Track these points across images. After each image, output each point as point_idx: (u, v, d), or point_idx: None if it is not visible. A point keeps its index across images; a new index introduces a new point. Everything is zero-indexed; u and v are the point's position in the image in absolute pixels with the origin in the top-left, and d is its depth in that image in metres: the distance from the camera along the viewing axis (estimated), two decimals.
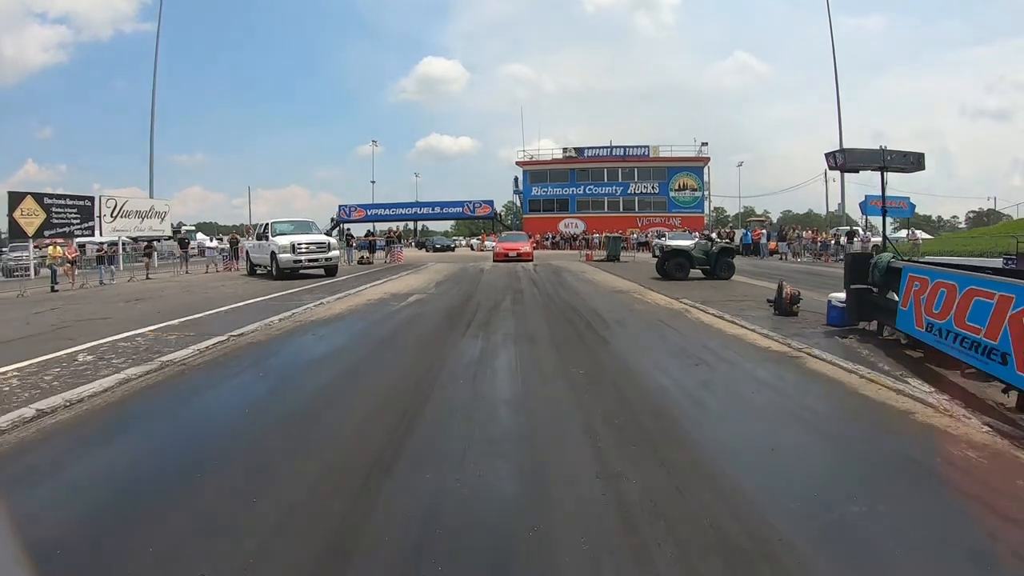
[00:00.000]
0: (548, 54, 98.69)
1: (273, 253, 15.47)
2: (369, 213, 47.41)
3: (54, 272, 15.54)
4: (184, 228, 37.38)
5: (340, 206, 48.26)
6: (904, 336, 5.61)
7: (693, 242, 15.55)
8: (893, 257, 6.07)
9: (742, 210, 54.02)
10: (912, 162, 6.58)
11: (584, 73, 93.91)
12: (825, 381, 4.63)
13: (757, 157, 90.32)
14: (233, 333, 6.67)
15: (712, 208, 51.70)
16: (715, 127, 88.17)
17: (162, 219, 24.17)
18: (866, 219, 33.50)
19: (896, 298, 5.69)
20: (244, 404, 4.34)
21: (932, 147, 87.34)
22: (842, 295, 6.71)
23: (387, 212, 48.51)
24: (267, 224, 16.99)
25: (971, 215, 59.08)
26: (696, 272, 13.79)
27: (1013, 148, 75.02)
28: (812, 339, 6.06)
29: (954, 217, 65.75)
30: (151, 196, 29.93)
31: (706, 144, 45.73)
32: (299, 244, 15.45)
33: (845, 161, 6.90)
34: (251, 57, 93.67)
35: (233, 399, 4.51)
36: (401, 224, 47.37)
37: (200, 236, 38.30)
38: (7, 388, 4.44)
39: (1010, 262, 12.01)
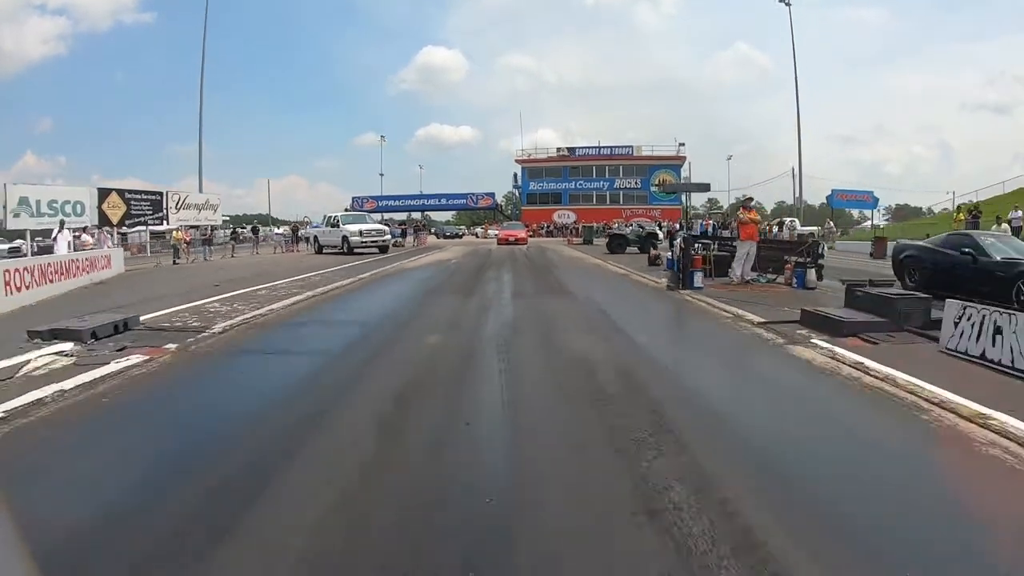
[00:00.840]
0: (549, 44, 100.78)
1: (345, 237, 22.47)
2: (380, 204, 52.11)
3: (177, 249, 22.27)
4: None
5: (353, 198, 52.86)
6: None
7: (630, 229, 22.59)
8: (687, 234, 13.08)
9: (734, 200, 60.68)
10: (704, 188, 13.53)
11: (584, 63, 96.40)
12: (630, 280, 11.78)
13: (757, 147, 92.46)
14: (374, 272, 13.67)
15: (706, 199, 58.32)
16: (716, 119, 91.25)
17: (215, 211, 29.43)
18: (832, 211, 40.57)
19: None
20: (415, 282, 11.63)
21: (933, 141, 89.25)
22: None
23: (396, 203, 53.90)
24: (337, 216, 24.09)
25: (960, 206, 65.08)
26: (633, 249, 20.80)
27: (1014, 142, 78.58)
28: (651, 273, 13.04)
29: (944, 210, 71.58)
30: (200, 191, 35.90)
31: (683, 144, 52.21)
32: (364, 230, 22.49)
33: (664, 187, 13.71)
34: (249, 47, 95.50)
35: (408, 283, 11.77)
36: (404, 214, 52.57)
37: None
38: (285, 290, 11.36)
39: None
